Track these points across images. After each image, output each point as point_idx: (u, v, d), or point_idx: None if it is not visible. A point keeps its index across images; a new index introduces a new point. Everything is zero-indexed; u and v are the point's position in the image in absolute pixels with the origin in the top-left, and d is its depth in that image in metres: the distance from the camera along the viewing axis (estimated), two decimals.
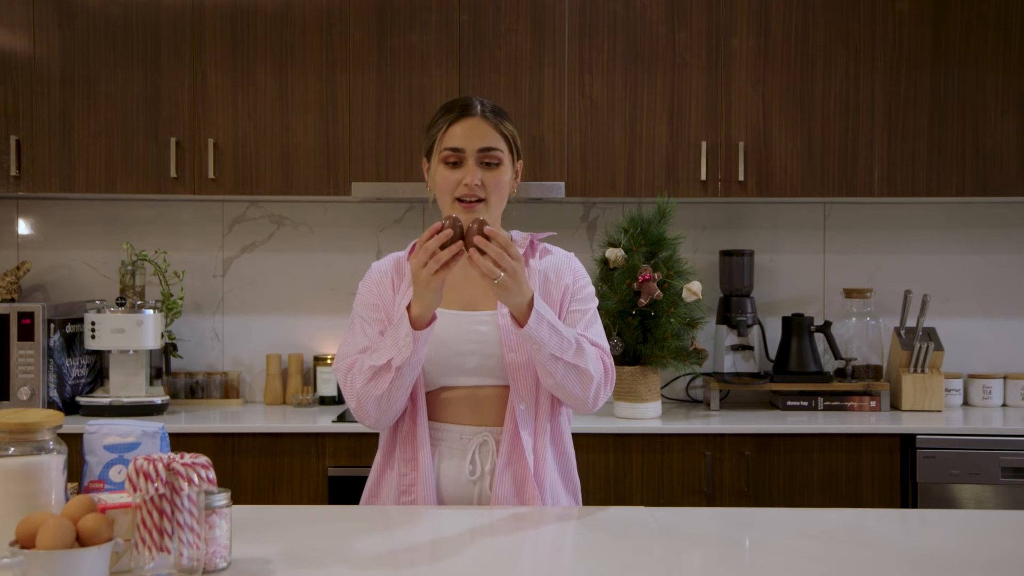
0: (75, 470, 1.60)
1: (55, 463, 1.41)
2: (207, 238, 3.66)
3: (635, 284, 3.13)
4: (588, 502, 2.47)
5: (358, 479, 2.21)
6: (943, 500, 3.02)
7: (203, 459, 1.42)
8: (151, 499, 1.36)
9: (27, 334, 3.18)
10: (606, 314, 3.08)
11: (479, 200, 1.92)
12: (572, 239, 3.63)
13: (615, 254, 3.21)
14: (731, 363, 3.46)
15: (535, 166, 3.28)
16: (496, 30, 3.29)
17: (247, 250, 3.66)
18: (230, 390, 3.57)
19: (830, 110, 3.31)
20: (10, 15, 3.28)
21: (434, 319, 1.80)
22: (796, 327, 3.45)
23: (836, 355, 3.44)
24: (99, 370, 3.47)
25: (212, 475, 1.41)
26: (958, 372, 3.55)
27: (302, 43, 3.29)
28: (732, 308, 3.44)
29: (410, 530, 1.71)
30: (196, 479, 1.38)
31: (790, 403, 3.36)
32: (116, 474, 1.62)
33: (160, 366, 3.46)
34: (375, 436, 2.19)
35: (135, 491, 1.37)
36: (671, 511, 1.90)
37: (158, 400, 3.28)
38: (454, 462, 1.91)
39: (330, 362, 3.51)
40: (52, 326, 3.23)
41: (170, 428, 2.41)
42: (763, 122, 3.30)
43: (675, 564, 1.53)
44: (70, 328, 3.31)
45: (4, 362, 3.17)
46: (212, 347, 3.65)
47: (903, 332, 3.42)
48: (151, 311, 3.27)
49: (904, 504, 3.06)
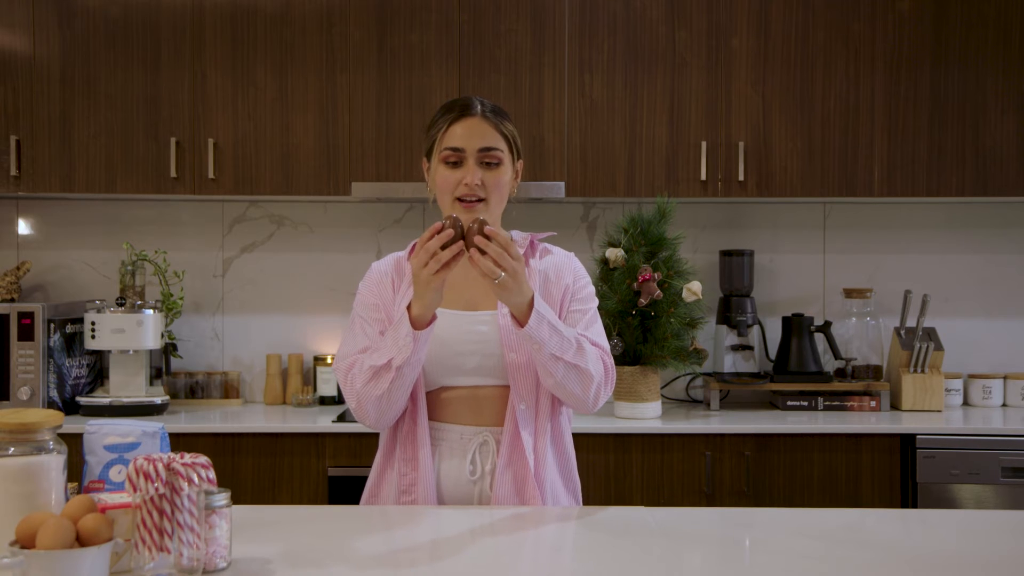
0: (75, 470, 1.60)
1: (55, 463, 1.41)
2: (207, 238, 3.66)
3: (635, 284, 3.13)
4: (588, 502, 2.47)
5: (358, 479, 2.21)
6: (943, 500, 3.02)
7: (203, 459, 1.42)
8: (151, 499, 1.36)
9: (27, 334, 3.18)
10: (606, 314, 3.08)
11: (479, 200, 1.92)
12: (572, 239, 3.63)
13: (615, 254, 3.21)
14: (731, 363, 3.46)
15: (535, 166, 3.28)
16: (496, 30, 3.29)
17: (247, 250, 3.66)
18: (230, 390, 3.57)
19: (830, 110, 3.31)
20: (10, 15, 3.28)
21: (434, 319, 1.80)
22: (796, 327, 3.45)
23: (836, 355, 3.44)
24: (99, 370, 3.47)
25: (212, 475, 1.41)
26: (958, 372, 3.55)
27: (302, 43, 3.29)
28: (732, 308, 3.44)
29: (410, 530, 1.71)
30: (196, 479, 1.38)
31: (790, 403, 3.36)
32: (116, 474, 1.62)
33: (160, 366, 3.46)
34: (375, 436, 2.19)
35: (135, 491, 1.37)
36: (671, 511, 1.90)
37: (158, 400, 3.28)
38: (454, 462, 1.91)
39: (330, 362, 3.51)
40: (52, 326, 3.23)
41: (170, 428, 2.41)
42: (763, 122, 3.30)
43: (675, 564, 1.53)
44: (70, 328, 3.31)
45: (4, 362, 3.17)
46: (212, 347, 3.65)
47: (903, 332, 3.42)
48: (151, 311, 3.27)
49: (904, 504, 3.06)
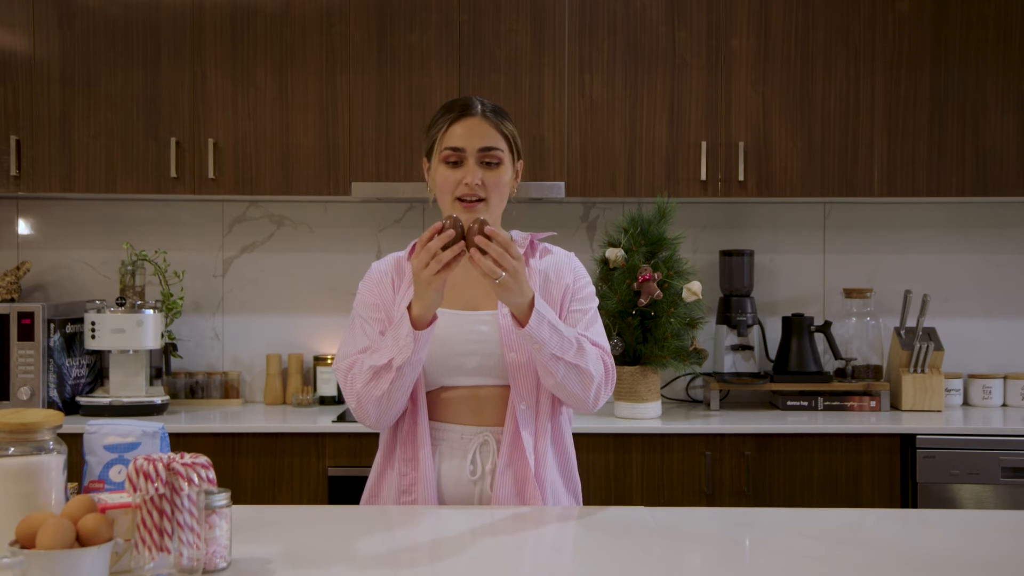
0: (75, 470, 1.60)
1: (55, 463, 1.41)
2: (207, 238, 3.66)
3: (635, 284, 3.13)
4: (588, 502, 2.47)
5: (358, 479, 2.21)
6: (943, 500, 3.02)
7: (203, 459, 1.42)
8: (151, 499, 1.36)
9: (27, 334, 3.17)
10: (606, 314, 3.08)
11: (479, 200, 1.92)
12: (572, 239, 3.63)
13: (615, 254, 3.21)
14: (731, 363, 3.46)
15: (535, 166, 3.28)
16: (496, 30, 3.29)
17: (247, 250, 3.66)
18: (230, 390, 3.57)
19: (830, 110, 3.31)
20: (10, 15, 3.28)
21: (435, 319, 1.80)
22: (796, 327, 3.45)
23: (836, 355, 3.44)
24: (99, 370, 3.47)
25: (212, 475, 1.41)
26: (958, 372, 3.55)
27: (302, 43, 3.29)
28: (732, 308, 3.44)
29: (410, 530, 1.71)
30: (196, 479, 1.38)
31: (790, 403, 3.36)
32: (116, 474, 1.62)
33: (160, 366, 3.46)
34: (375, 436, 2.19)
35: (135, 491, 1.37)
36: (671, 511, 1.90)
37: (158, 400, 3.28)
38: (455, 462, 1.91)
39: (330, 362, 3.51)
40: (52, 326, 3.23)
41: (170, 428, 2.41)
42: (763, 122, 3.30)
43: (675, 564, 1.53)
44: (70, 328, 3.31)
45: (4, 362, 3.17)
46: (212, 347, 3.65)
47: (903, 332, 3.42)
48: (151, 311, 3.27)
49: (904, 504, 3.06)
